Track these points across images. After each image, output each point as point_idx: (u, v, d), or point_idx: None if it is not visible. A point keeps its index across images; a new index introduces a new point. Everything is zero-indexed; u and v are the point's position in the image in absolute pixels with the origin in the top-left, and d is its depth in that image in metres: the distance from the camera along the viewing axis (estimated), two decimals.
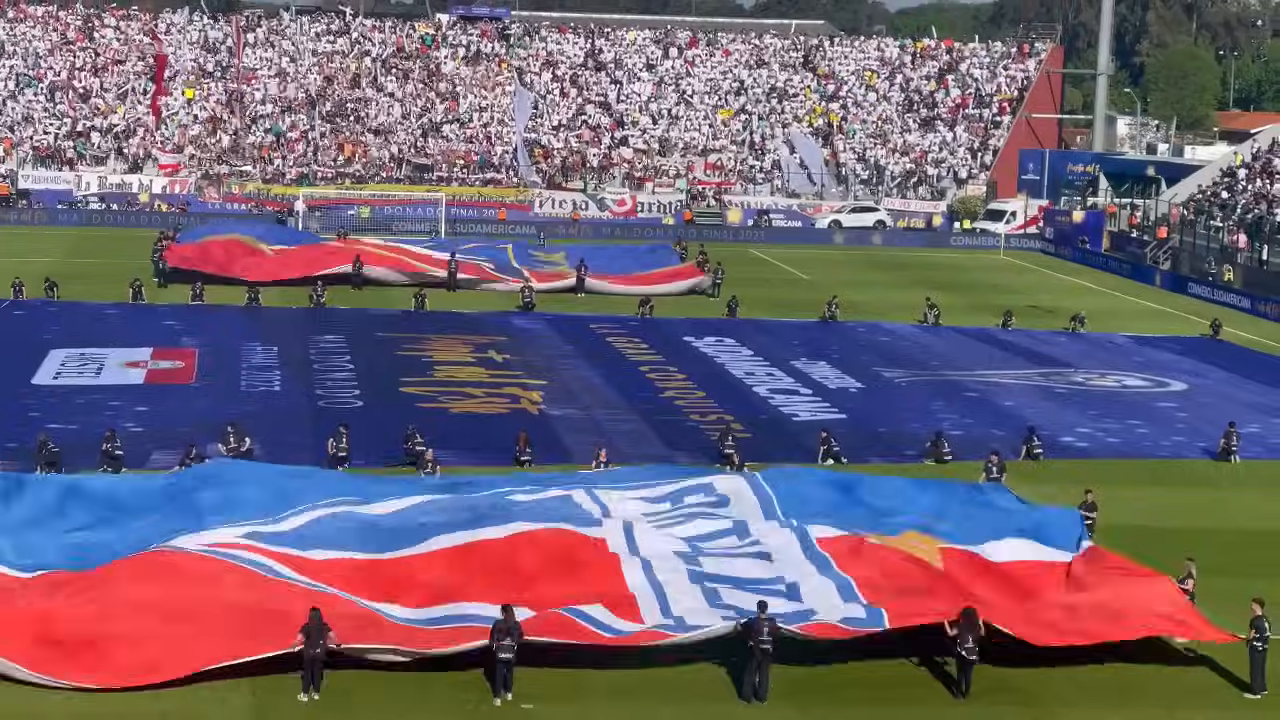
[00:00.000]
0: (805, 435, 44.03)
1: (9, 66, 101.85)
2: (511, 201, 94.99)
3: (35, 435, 38.74)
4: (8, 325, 56.91)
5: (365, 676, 26.13)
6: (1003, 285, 77.67)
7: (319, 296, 62.70)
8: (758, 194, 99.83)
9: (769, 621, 26.17)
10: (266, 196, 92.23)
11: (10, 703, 24.95)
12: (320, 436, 40.75)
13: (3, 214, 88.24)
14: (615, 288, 68.46)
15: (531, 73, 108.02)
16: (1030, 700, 26.58)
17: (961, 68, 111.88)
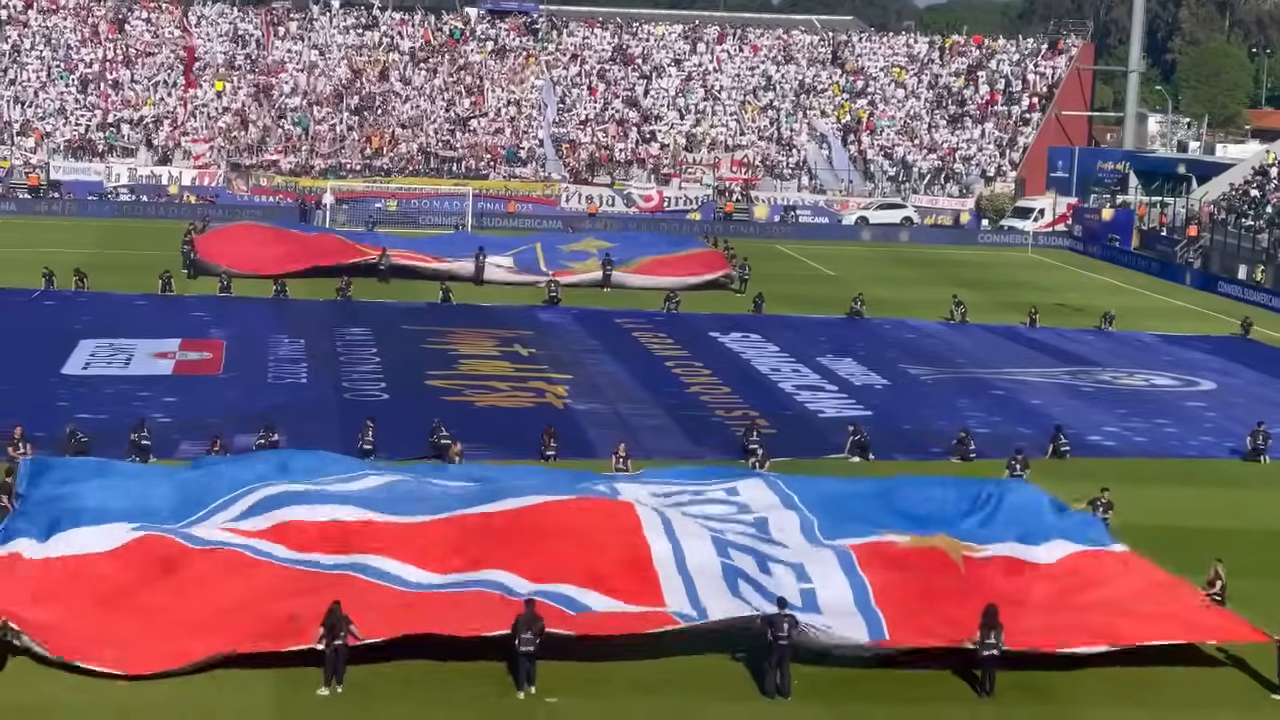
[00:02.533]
0: (831, 431, 43.99)
1: (41, 58, 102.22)
2: (538, 196, 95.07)
3: (64, 425, 38.93)
4: (38, 315, 57.16)
5: (387, 670, 26.18)
6: (1030, 283, 77.45)
7: (345, 289, 62.87)
8: (784, 190, 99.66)
9: (788, 618, 26.17)
10: (294, 189, 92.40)
11: (31, 693, 25.05)
12: (346, 428, 40.89)
13: (34, 205, 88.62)
14: (641, 279, 68.34)
15: (559, 67, 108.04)
16: (1055, 699, 26.51)
17: (991, 64, 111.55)
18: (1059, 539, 30.55)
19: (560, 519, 29.37)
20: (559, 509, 29.79)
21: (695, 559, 28.31)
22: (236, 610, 26.76)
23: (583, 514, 29.58)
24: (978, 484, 34.20)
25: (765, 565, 28.60)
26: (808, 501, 32.06)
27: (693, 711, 25.42)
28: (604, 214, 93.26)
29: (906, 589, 28.35)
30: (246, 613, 26.70)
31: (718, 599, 27.45)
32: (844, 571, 28.67)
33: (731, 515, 31.89)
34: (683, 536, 28.81)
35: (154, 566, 28.11)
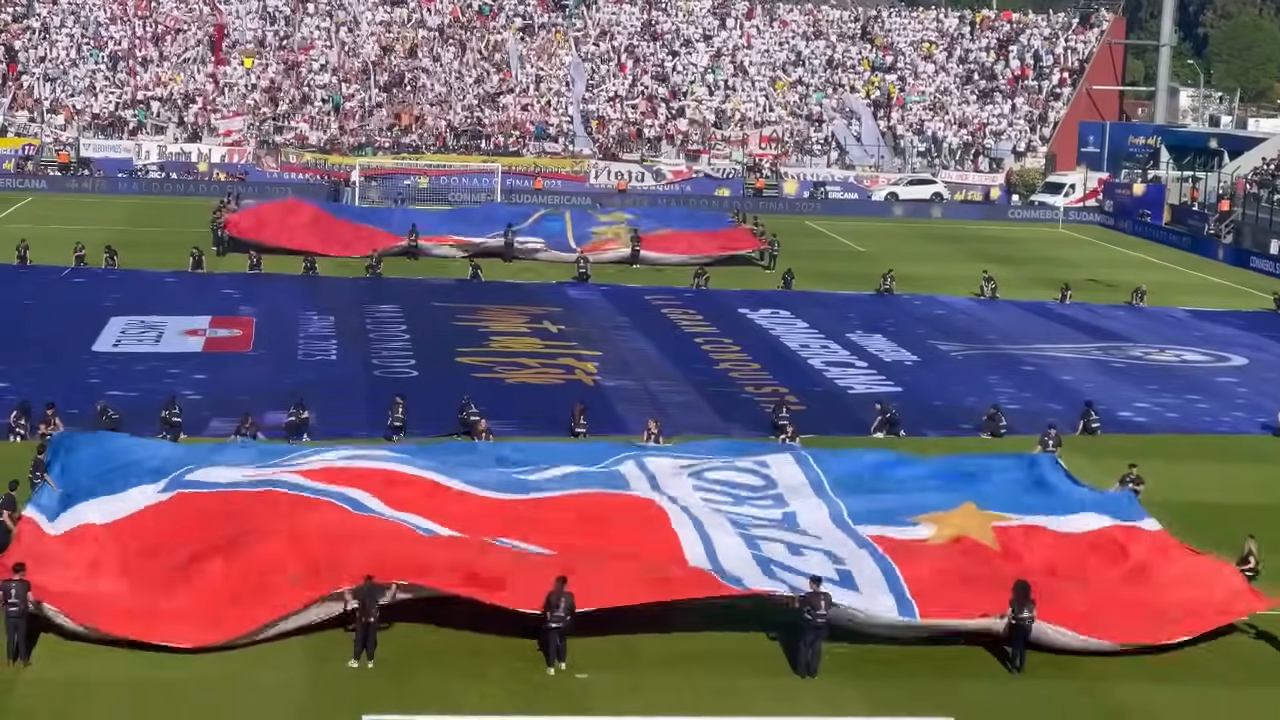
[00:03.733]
0: (860, 408, 43.96)
1: (71, 35, 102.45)
2: (567, 172, 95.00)
3: (95, 402, 39.09)
4: (69, 293, 57.39)
5: (419, 645, 26.28)
6: (1061, 259, 77.16)
7: (375, 266, 62.99)
8: (814, 166, 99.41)
9: (824, 596, 26.12)
10: (323, 166, 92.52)
11: (69, 668, 25.19)
12: (376, 405, 41.00)
13: (64, 182, 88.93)
14: (670, 257, 68.35)
15: (588, 43, 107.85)
16: (1085, 675, 26.46)
17: (1021, 39, 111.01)
18: (1092, 512, 30.51)
19: (588, 513, 29.38)
20: (586, 503, 29.76)
21: (725, 550, 28.22)
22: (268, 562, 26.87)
23: (610, 509, 29.56)
24: (1005, 458, 34.24)
25: (797, 549, 28.52)
26: (836, 483, 32.01)
27: (723, 688, 25.44)
28: (633, 190, 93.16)
29: (938, 576, 28.23)
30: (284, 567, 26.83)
31: (752, 578, 27.40)
32: (871, 557, 28.61)
33: (760, 490, 31.88)
34: (712, 530, 28.73)
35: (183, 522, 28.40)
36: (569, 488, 30.53)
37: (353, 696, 24.42)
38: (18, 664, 25.01)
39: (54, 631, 25.80)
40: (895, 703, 24.70)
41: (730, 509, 30.74)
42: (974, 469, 33.33)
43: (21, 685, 24.53)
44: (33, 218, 76.57)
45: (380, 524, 28.24)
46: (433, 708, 23.76)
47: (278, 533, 27.58)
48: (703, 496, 31.29)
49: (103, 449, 32.28)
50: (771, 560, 28.06)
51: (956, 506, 30.80)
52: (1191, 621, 27.56)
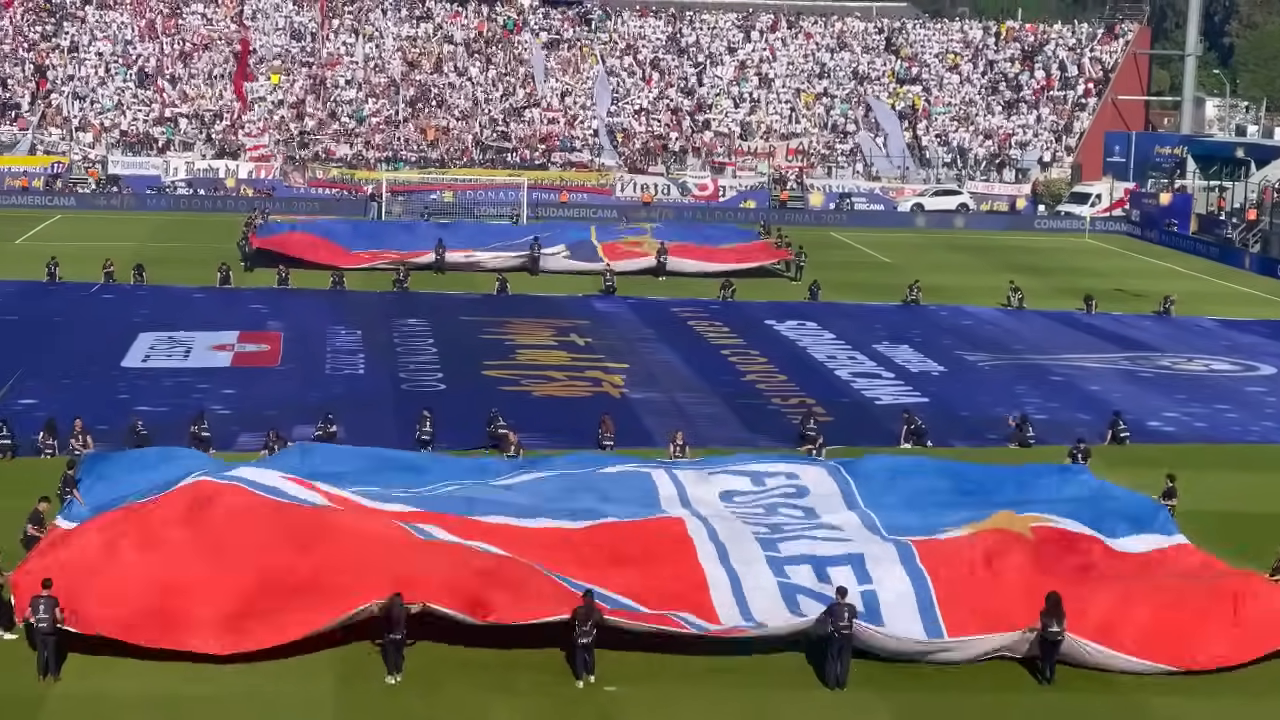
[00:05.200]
0: (887, 418, 43.88)
1: (99, 53, 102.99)
2: (593, 186, 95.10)
3: (125, 417, 39.27)
4: (98, 308, 57.64)
5: (447, 658, 26.30)
6: (1087, 269, 76.97)
7: (402, 280, 63.18)
8: (839, 177, 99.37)
9: (849, 608, 26.07)
10: (350, 181, 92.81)
11: (97, 683, 25.28)
12: (403, 419, 41.07)
13: (93, 199, 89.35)
14: (697, 264, 68.41)
15: (613, 56, 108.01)
16: (1117, 687, 26.34)
17: (1046, 49, 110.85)
18: (1127, 526, 30.43)
19: (615, 544, 29.18)
20: (614, 533, 29.60)
21: (751, 582, 27.90)
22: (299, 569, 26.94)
23: (637, 540, 29.36)
24: (1038, 467, 34.22)
25: (823, 573, 28.19)
26: (867, 495, 31.96)
27: (752, 701, 25.40)
28: (659, 203, 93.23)
29: (970, 581, 28.06)
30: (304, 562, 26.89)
31: (774, 616, 27.19)
32: (903, 564, 28.41)
33: (790, 498, 31.86)
34: (738, 563, 28.35)
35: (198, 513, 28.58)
36: (599, 516, 30.39)
37: (381, 711, 24.44)
38: (48, 679, 25.11)
39: (83, 646, 25.91)
40: (925, 715, 24.61)
41: (761, 520, 30.69)
42: (1007, 477, 33.26)
43: (51, 700, 24.62)
44: (62, 235, 76.97)
45: (408, 536, 28.36)
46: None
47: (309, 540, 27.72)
48: (732, 509, 31.25)
49: (133, 465, 32.54)
50: (799, 588, 27.82)
51: (991, 513, 30.69)
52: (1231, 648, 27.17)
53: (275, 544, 27.57)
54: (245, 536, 27.81)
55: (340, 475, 31.89)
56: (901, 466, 34.07)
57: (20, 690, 24.87)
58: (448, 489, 31.85)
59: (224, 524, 28.24)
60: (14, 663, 25.71)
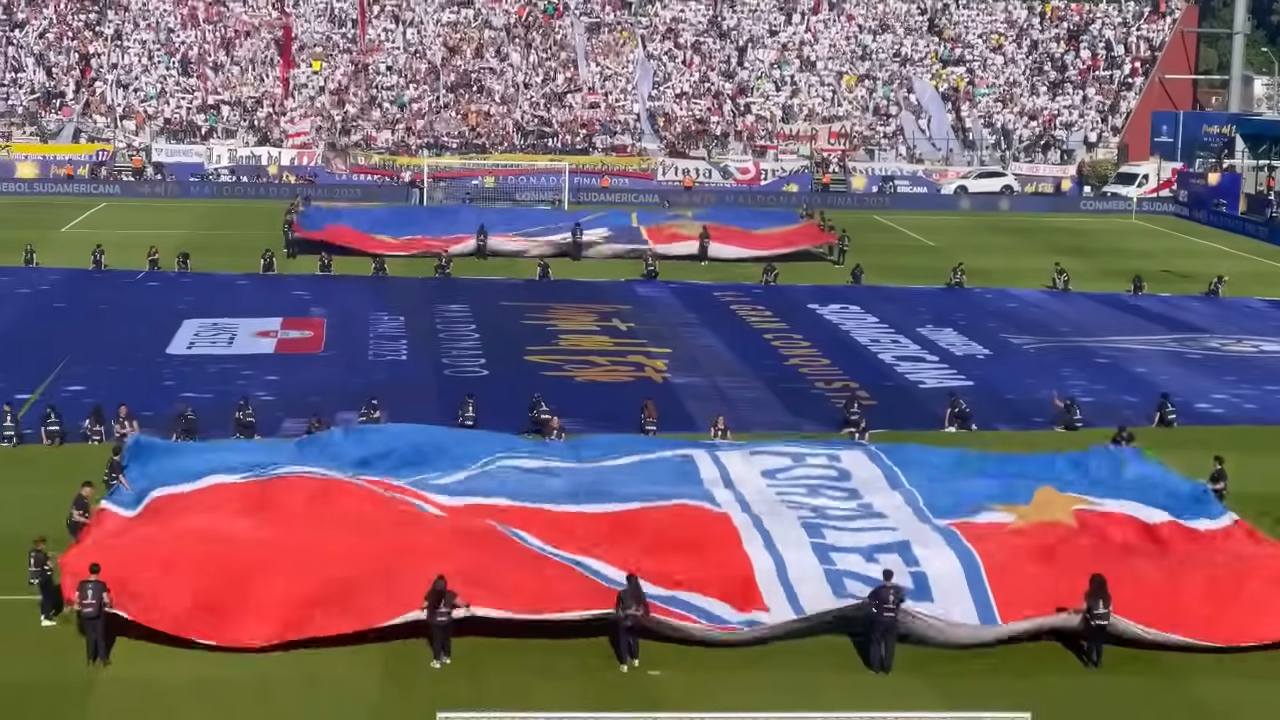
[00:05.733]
0: (931, 402, 43.70)
1: (142, 42, 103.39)
2: (634, 170, 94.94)
3: (170, 404, 39.53)
4: (143, 296, 57.88)
5: (491, 642, 26.29)
6: (1134, 250, 76.42)
7: (444, 266, 63.23)
8: (882, 160, 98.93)
9: (894, 590, 25.96)
10: (392, 167, 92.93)
11: (143, 668, 25.40)
12: (446, 405, 41.13)
13: (137, 187, 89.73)
14: (739, 250, 68.19)
15: (654, 40, 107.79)
16: (1164, 670, 26.19)
17: (1092, 29, 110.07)
18: (1173, 506, 30.30)
19: (660, 530, 29.06)
20: (660, 522, 29.51)
21: (797, 570, 27.70)
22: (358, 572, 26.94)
23: (682, 526, 29.25)
24: (1082, 454, 34.06)
25: (871, 557, 28.05)
26: (909, 477, 31.90)
27: (797, 685, 25.32)
28: (700, 187, 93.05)
29: (1018, 559, 27.97)
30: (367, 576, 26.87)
31: (818, 599, 27.02)
32: (951, 546, 28.32)
33: (834, 481, 31.77)
34: (784, 548, 28.18)
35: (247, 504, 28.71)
36: (644, 499, 30.29)
37: (427, 694, 24.46)
38: (97, 663, 25.24)
39: (131, 632, 26.02)
40: (971, 698, 24.47)
41: (806, 500, 30.58)
42: (1050, 463, 33.22)
43: (101, 685, 24.77)
44: (107, 223, 77.34)
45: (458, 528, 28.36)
46: (506, 704, 23.74)
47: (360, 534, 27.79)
48: (776, 491, 31.16)
49: (180, 454, 32.77)
50: (845, 572, 27.68)
51: (1034, 491, 30.58)
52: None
53: (322, 540, 27.61)
54: (297, 530, 27.88)
55: (386, 459, 32.02)
56: (942, 452, 34.00)
57: (69, 675, 25.02)
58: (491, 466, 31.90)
59: (274, 518, 28.34)
60: (62, 647, 25.87)
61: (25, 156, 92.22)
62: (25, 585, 27.26)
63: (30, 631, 26.62)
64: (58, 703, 24.13)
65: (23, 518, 31.02)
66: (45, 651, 25.91)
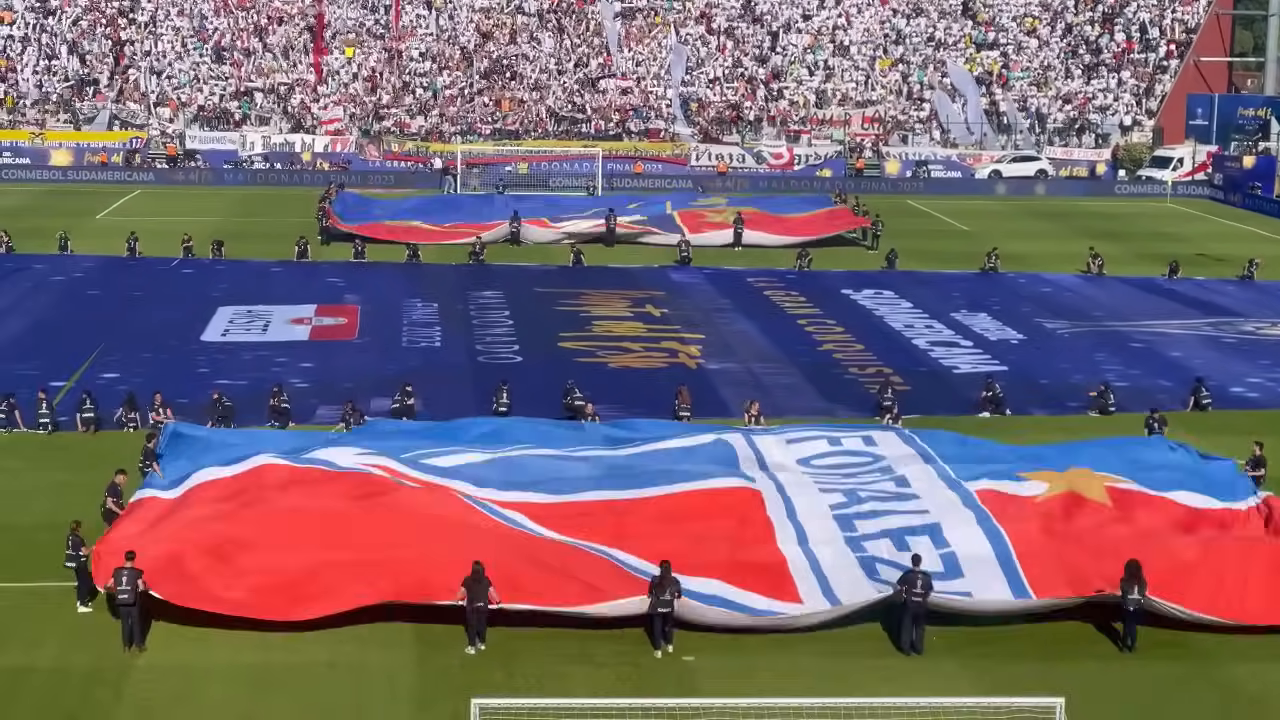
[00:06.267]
0: (965, 387, 43.61)
1: (176, 29, 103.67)
2: (668, 156, 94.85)
3: (205, 391, 39.65)
4: (178, 283, 58.10)
5: (527, 630, 26.34)
6: (1169, 234, 76.05)
7: (478, 253, 63.29)
8: (916, 145, 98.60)
9: (923, 575, 25.98)
10: (425, 154, 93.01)
11: (179, 654, 25.54)
12: (480, 391, 41.21)
13: (171, 174, 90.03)
14: (774, 238, 68.10)
15: (687, 25, 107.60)
16: (1198, 654, 26.12)
17: (1126, 12, 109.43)
18: (1204, 487, 30.28)
19: (692, 517, 29.02)
20: (691, 504, 29.47)
21: (829, 560, 27.73)
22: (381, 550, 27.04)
23: (716, 511, 29.22)
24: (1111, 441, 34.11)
25: (902, 541, 28.12)
26: (942, 454, 32.02)
27: (829, 669, 25.32)
28: (734, 173, 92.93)
29: (1047, 537, 27.98)
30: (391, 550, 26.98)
31: (853, 586, 27.03)
32: (980, 527, 28.33)
33: (867, 467, 31.81)
34: (816, 545, 28.17)
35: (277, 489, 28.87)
36: (675, 481, 30.29)
37: (462, 680, 24.54)
38: (133, 650, 25.38)
39: (166, 617, 26.16)
40: (1005, 683, 24.42)
41: (839, 484, 30.57)
42: (1083, 447, 33.24)
43: (137, 671, 24.91)
44: (141, 210, 77.64)
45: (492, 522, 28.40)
46: (541, 691, 23.81)
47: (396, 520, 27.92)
48: (812, 477, 31.14)
49: (213, 440, 32.96)
50: (878, 559, 27.70)
51: (1068, 467, 30.63)
52: None
53: (353, 530, 27.72)
54: (326, 520, 27.99)
55: (415, 445, 32.14)
56: (973, 440, 34.11)
57: (105, 661, 25.17)
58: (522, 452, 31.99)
59: (303, 505, 28.46)
60: (98, 635, 26.03)
61: (60, 144, 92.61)
62: (60, 572, 27.46)
63: (67, 618, 26.79)
64: (94, 688, 24.29)
65: (57, 505, 31.24)
66: (81, 638, 26.07)
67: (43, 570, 28.19)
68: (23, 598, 27.55)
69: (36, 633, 26.21)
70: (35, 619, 26.73)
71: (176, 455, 31.86)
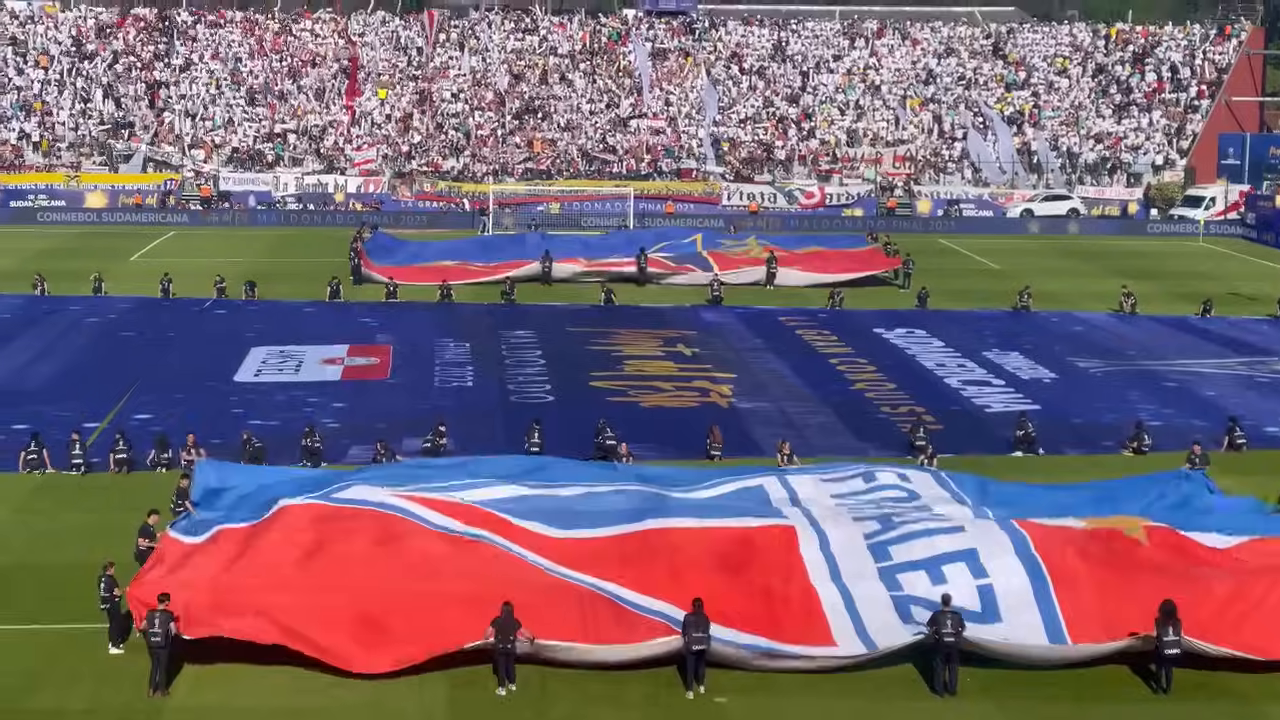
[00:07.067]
0: (998, 426, 43.46)
1: (211, 72, 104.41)
2: (699, 195, 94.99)
3: (238, 431, 39.73)
4: (211, 324, 58.34)
5: (557, 671, 26.28)
6: (1202, 273, 75.80)
7: (510, 293, 63.41)
8: (947, 184, 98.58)
9: (952, 615, 25.84)
10: (458, 194, 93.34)
11: (211, 696, 25.54)
12: (512, 430, 41.22)
13: (205, 216, 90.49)
14: (807, 276, 68.05)
15: (718, 65, 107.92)
16: (1234, 695, 25.91)
17: (1158, 51, 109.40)
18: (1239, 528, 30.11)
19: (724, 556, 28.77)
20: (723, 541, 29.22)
21: (864, 595, 27.53)
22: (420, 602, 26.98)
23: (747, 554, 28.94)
24: (1151, 479, 33.82)
25: (938, 573, 27.90)
26: (973, 497, 31.92)
27: (863, 711, 25.22)
28: (765, 212, 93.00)
29: (1086, 573, 27.73)
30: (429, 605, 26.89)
31: (887, 630, 26.85)
32: (1019, 556, 28.10)
33: (901, 500, 31.68)
34: (850, 579, 27.96)
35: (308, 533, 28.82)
36: (707, 516, 30.21)
37: None
38: (158, 695, 25.33)
39: (198, 659, 26.17)
40: None
41: (872, 514, 30.46)
42: (1119, 489, 32.98)
43: (166, 714, 24.90)
44: (175, 251, 78.02)
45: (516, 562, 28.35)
46: None
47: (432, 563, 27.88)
48: (846, 508, 31.00)
49: (247, 480, 32.94)
50: (912, 599, 27.48)
51: (1105, 516, 30.45)
52: None
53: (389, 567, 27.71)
54: (360, 560, 27.97)
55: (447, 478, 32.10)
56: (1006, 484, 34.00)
57: (138, 704, 25.18)
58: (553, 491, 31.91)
59: (338, 545, 28.43)
60: (130, 676, 26.00)
61: (94, 186, 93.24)
62: (92, 614, 27.49)
63: (99, 659, 26.82)
64: None
65: (90, 546, 31.31)
66: (114, 679, 26.06)
67: (75, 612, 28.23)
68: (55, 639, 27.60)
69: (69, 674, 26.23)
70: (68, 660, 26.76)
71: (209, 494, 31.89)
